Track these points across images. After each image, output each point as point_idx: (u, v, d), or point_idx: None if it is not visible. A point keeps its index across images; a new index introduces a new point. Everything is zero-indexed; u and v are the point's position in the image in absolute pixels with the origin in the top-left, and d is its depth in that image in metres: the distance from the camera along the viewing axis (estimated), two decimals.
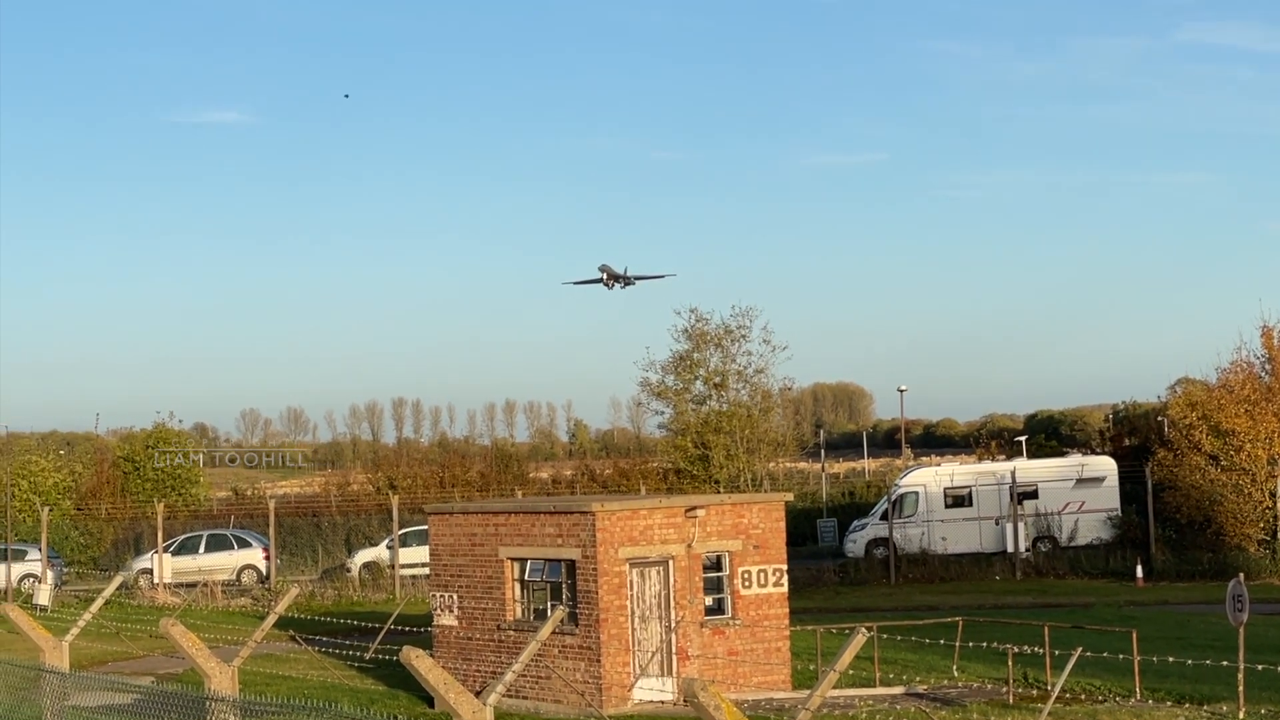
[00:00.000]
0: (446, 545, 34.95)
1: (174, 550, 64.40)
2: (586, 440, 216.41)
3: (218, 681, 14.23)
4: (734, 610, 33.57)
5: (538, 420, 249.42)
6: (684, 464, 72.42)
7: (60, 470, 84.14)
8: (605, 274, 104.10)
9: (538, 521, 33.17)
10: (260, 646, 15.05)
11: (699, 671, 32.29)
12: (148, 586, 61.25)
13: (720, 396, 72.44)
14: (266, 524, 64.62)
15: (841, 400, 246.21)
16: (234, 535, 67.26)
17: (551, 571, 32.92)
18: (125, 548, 73.51)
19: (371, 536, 69.81)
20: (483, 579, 33.91)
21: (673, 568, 32.73)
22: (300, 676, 36.51)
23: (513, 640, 32.85)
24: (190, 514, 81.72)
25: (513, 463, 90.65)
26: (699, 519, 33.12)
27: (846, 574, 61.03)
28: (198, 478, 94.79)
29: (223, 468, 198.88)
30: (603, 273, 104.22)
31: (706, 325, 72.17)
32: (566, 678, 31.87)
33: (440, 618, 34.87)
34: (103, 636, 42.75)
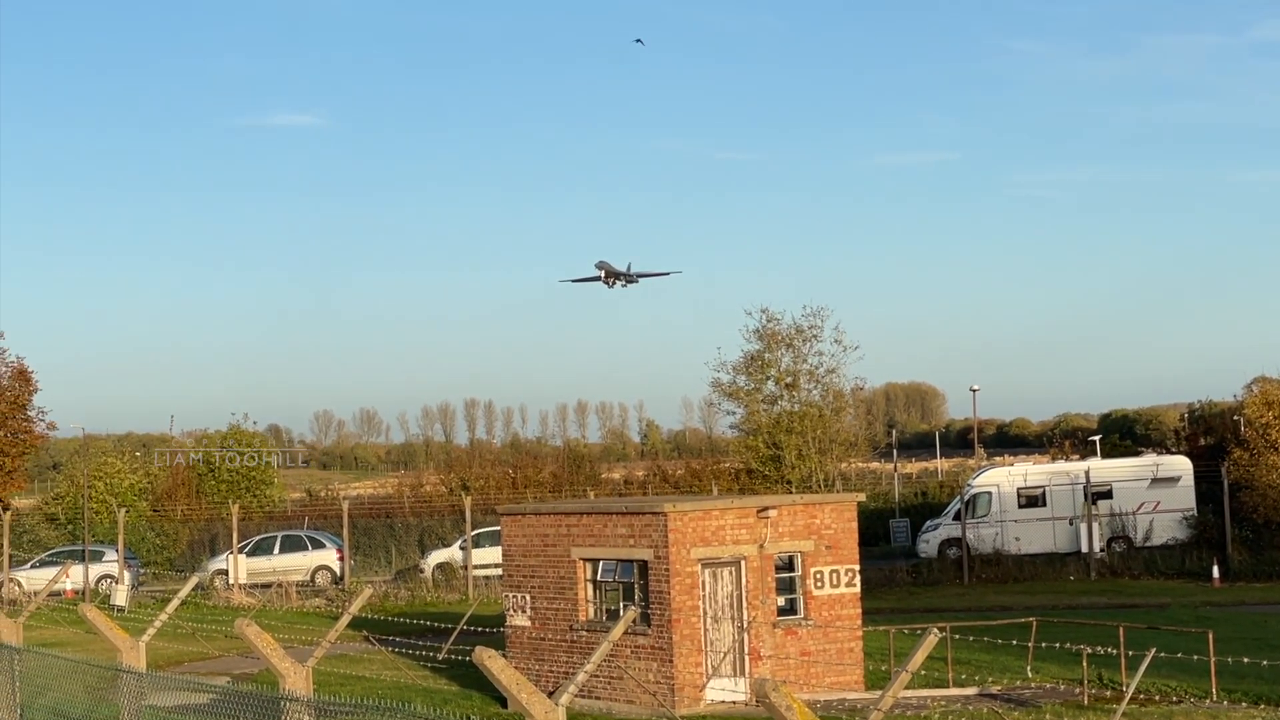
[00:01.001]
0: (519, 546, 35.01)
1: (249, 551, 64.76)
2: (658, 441, 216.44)
3: (292, 682, 14.31)
4: (806, 611, 33.51)
5: (610, 421, 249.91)
6: (756, 464, 72.28)
7: (136, 472, 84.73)
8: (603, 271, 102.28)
9: (610, 522, 33.20)
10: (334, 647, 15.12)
11: (771, 672, 32.25)
12: (223, 587, 61.59)
13: (792, 397, 72.25)
14: (340, 525, 64.88)
15: (914, 400, 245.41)
16: (308, 536, 67.56)
17: (624, 572, 32.94)
18: (201, 549, 73.99)
19: (444, 537, 70.01)
20: (555, 580, 33.97)
21: (745, 568, 32.70)
22: (374, 677, 36.65)
23: (585, 641, 32.90)
24: (265, 515, 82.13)
25: (585, 463, 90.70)
26: (771, 519, 33.08)
27: (919, 574, 60.78)
28: (272, 479, 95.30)
29: (296, 469, 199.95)
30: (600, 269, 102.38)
31: (778, 325, 71.99)
32: (639, 678, 31.88)
33: (513, 618, 34.94)
34: (179, 637, 43.04)
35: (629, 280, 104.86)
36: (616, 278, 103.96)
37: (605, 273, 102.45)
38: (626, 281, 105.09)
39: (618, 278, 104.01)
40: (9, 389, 74.88)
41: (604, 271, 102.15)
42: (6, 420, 74.20)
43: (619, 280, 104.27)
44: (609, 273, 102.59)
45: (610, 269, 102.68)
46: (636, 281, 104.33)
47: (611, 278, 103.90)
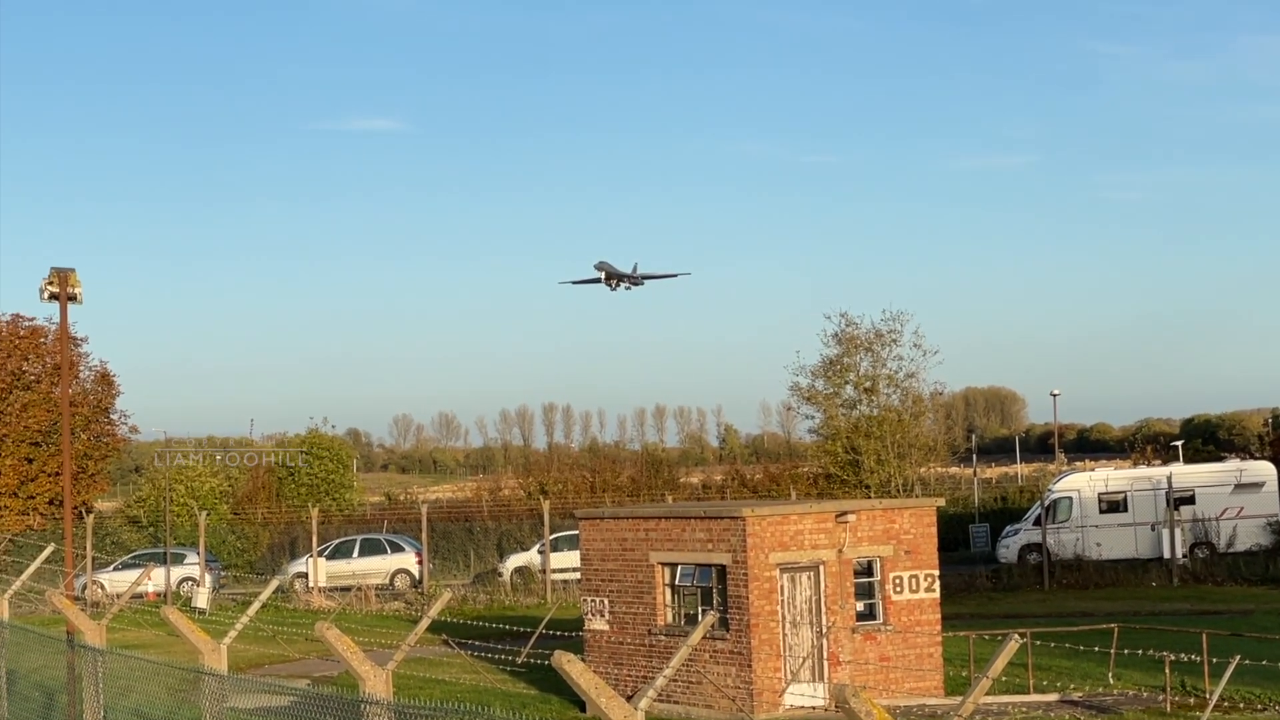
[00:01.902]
0: (597, 550, 35.02)
1: (328, 554, 65.07)
2: (736, 445, 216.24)
3: (372, 685, 14.33)
4: (886, 616, 33.38)
5: (688, 425, 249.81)
6: (834, 469, 72.07)
7: (216, 475, 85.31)
8: (604, 272, 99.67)
9: (688, 526, 33.17)
10: (414, 650, 15.16)
11: (850, 677, 32.14)
12: (303, 590, 61.88)
13: (871, 401, 71.99)
14: (419, 529, 65.08)
15: (994, 405, 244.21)
16: (387, 540, 67.80)
17: (702, 576, 32.89)
18: (280, 552, 74.39)
19: (523, 541, 70.14)
20: (633, 584, 33.96)
21: (824, 573, 32.60)
22: (453, 680, 36.73)
23: (663, 645, 32.88)
24: (344, 519, 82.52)
25: (663, 468, 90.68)
26: (850, 524, 32.97)
27: (999, 579, 60.44)
28: (351, 482, 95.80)
29: (376, 472, 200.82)
30: (600, 270, 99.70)
31: (857, 329, 71.75)
32: (718, 683, 31.83)
33: (591, 622, 34.95)
34: (259, 639, 43.27)
35: (633, 282, 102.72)
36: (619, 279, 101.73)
37: (605, 274, 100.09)
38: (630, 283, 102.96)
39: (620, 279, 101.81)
40: (92, 393, 75.50)
41: (604, 273, 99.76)
42: (89, 424, 74.82)
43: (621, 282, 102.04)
44: (609, 274, 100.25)
45: (611, 270, 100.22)
46: (641, 283, 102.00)
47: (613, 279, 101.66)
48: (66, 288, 33.86)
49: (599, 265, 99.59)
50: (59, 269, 33.84)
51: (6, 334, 74.72)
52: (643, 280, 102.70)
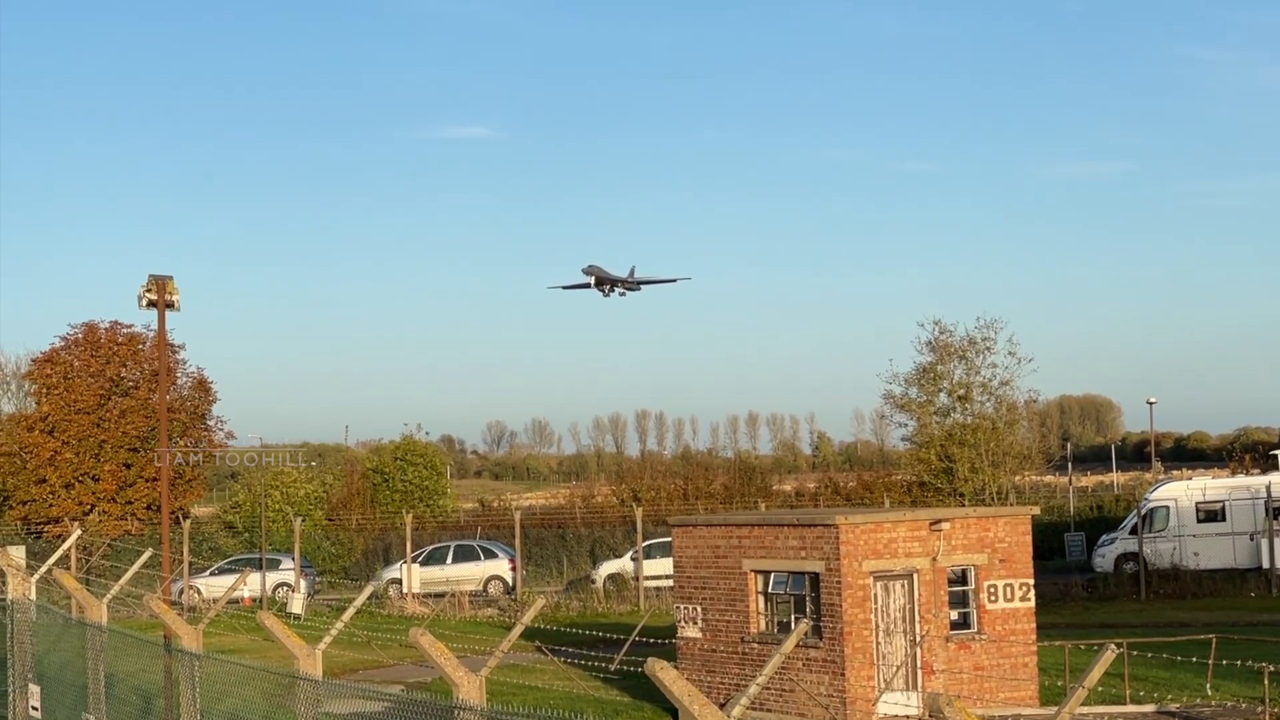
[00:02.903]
0: (690, 557, 35.00)
1: (422, 561, 65.29)
2: (829, 453, 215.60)
3: (466, 691, 14.38)
4: (980, 625, 33.19)
5: (781, 433, 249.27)
6: (928, 477, 71.77)
7: (312, 481, 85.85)
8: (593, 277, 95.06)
9: (781, 534, 33.10)
10: (507, 656, 15.20)
11: (944, 686, 31.98)
12: (397, 596, 62.15)
13: (964, 409, 71.65)
14: (512, 535, 65.24)
15: (1089, 413, 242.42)
16: (481, 546, 67.98)
17: (795, 584, 32.82)
18: (375, 558, 74.78)
19: (616, 548, 70.19)
20: (726, 591, 33.92)
21: (917, 581, 32.45)
22: (546, 687, 36.81)
23: (756, 653, 32.82)
24: (438, 525, 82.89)
25: (756, 475, 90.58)
26: (944, 532, 32.81)
27: (1095, 589, 59.96)
28: (445, 489, 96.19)
29: (469, 479, 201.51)
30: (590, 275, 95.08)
31: (950, 337, 71.44)
32: (810, 691, 31.75)
33: (684, 629, 34.93)
34: (354, 645, 43.52)
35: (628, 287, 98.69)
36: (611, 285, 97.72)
37: (595, 278, 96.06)
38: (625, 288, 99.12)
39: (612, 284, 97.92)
40: (189, 399, 76.15)
41: (594, 277, 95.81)
42: (186, 430, 75.46)
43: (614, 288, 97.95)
44: (600, 279, 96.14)
45: (602, 275, 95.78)
46: (638, 289, 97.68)
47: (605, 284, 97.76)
48: (164, 295, 34.18)
49: (588, 269, 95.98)
50: (157, 276, 34.16)
51: (105, 341, 75.49)
52: (639, 286, 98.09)
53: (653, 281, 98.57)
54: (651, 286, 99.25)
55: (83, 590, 23.14)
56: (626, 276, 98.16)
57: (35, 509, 73.91)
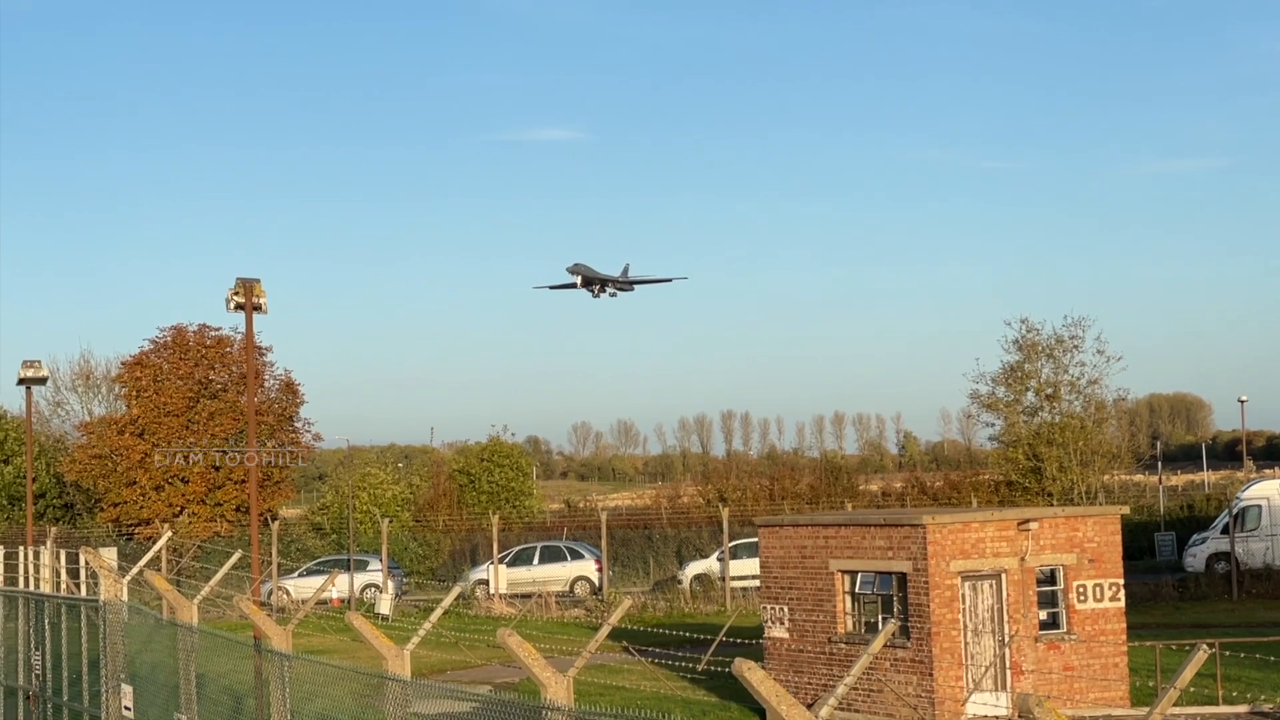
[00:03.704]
0: (777, 558, 34.93)
1: (509, 562, 65.45)
2: (916, 452, 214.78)
3: (553, 691, 14.39)
4: (1069, 625, 32.97)
5: (867, 432, 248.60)
6: (1016, 476, 71.37)
7: (399, 483, 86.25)
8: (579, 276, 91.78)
9: (868, 534, 32.98)
10: (594, 657, 15.21)
11: (1034, 687, 31.78)
12: (484, 597, 62.32)
13: (1052, 408, 71.22)
14: (599, 536, 65.32)
15: (1179, 411, 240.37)
16: (567, 547, 68.07)
17: (882, 584, 32.69)
18: (462, 559, 75.05)
19: (702, 549, 70.14)
20: (813, 591, 33.83)
21: (1005, 581, 32.26)
22: (633, 687, 36.83)
23: (844, 653, 32.71)
24: (524, 526, 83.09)
25: (842, 475, 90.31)
26: (1032, 532, 32.60)
27: (1186, 589, 59.45)
28: (531, 490, 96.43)
29: (555, 480, 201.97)
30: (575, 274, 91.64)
31: (1038, 336, 71.02)
32: (898, 691, 31.62)
33: (771, 630, 34.87)
34: (441, 645, 43.70)
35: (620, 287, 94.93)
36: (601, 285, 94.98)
37: (582, 278, 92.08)
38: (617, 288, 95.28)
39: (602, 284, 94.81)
40: (276, 401, 76.65)
41: (580, 276, 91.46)
42: (274, 432, 75.95)
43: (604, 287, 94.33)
44: (587, 278, 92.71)
45: (590, 274, 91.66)
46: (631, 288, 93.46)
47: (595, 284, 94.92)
48: (251, 297, 34.37)
49: (574, 268, 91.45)
50: (244, 279, 34.37)
51: (194, 344, 76.11)
52: (632, 286, 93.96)
53: (646, 281, 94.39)
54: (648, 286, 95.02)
55: (174, 591, 23.32)
56: (619, 275, 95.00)
57: (126, 511, 74.62)
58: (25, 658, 27.64)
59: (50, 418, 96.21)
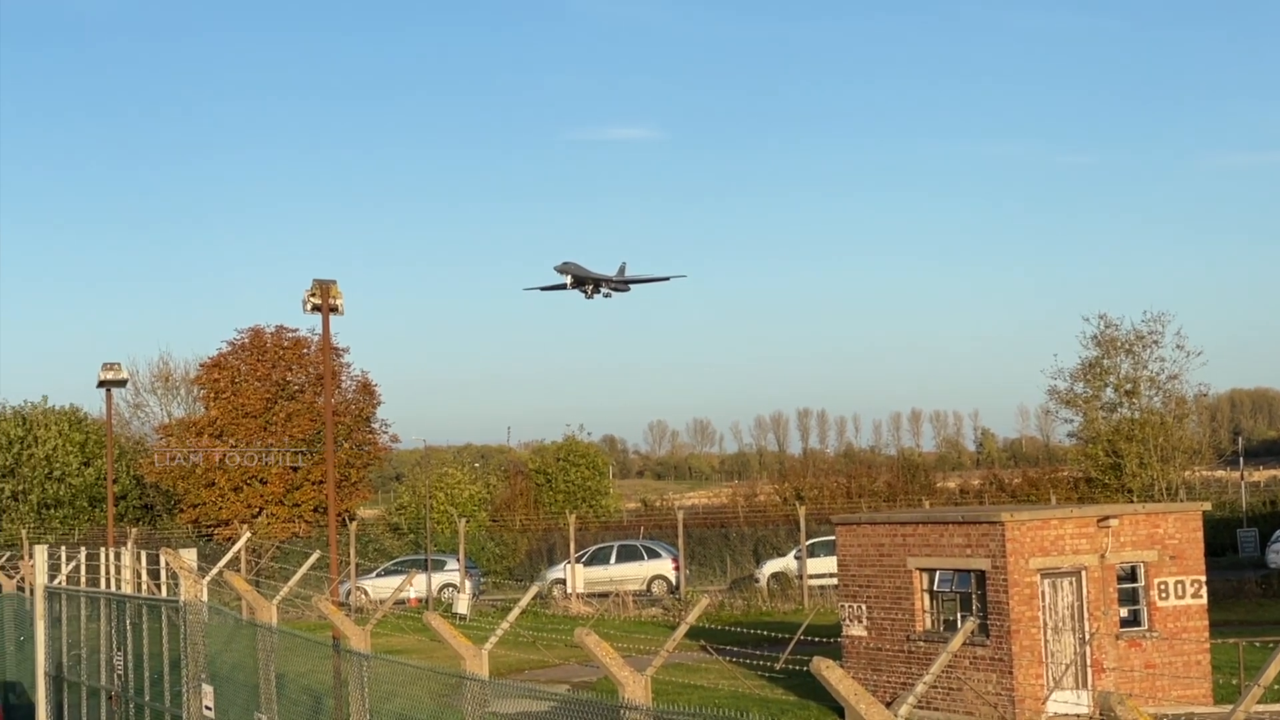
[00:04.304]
0: (854, 556, 34.81)
1: (586, 561, 65.50)
2: (994, 449, 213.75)
3: (631, 690, 14.36)
4: (1150, 622, 32.70)
5: (944, 429, 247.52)
6: (1095, 473, 70.91)
7: (475, 483, 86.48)
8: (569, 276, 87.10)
9: (946, 532, 32.81)
10: (672, 656, 15.18)
11: (1115, 685, 31.54)
12: (561, 596, 62.40)
13: (1132, 404, 70.71)
14: (675, 535, 65.28)
15: (1260, 406, 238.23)
16: (644, 546, 68.07)
17: (961, 582, 32.52)
18: (539, 558, 75.17)
19: (779, 547, 70.04)
20: (891, 589, 33.69)
21: (1085, 578, 32.03)
22: (711, 686, 36.77)
23: (923, 651, 32.57)
24: (601, 525, 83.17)
25: (919, 472, 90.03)
26: (1112, 529, 32.36)
27: (1269, 586, 58.90)
28: (607, 489, 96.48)
29: (631, 479, 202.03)
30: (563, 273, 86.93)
31: (1116, 331, 70.53)
32: (978, 689, 31.45)
33: (849, 628, 34.75)
34: (519, 645, 43.76)
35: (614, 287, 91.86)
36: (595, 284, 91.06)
37: (573, 278, 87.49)
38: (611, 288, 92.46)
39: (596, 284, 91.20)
40: (354, 402, 77.01)
41: (569, 276, 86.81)
42: (351, 433, 76.29)
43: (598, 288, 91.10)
44: (578, 278, 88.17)
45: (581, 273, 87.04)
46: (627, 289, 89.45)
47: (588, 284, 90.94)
48: (328, 299, 34.48)
49: (563, 267, 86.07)
50: (321, 280, 34.47)
51: (271, 345, 76.56)
52: (628, 286, 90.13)
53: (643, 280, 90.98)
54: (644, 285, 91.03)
55: (253, 592, 23.42)
56: (614, 275, 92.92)
57: (205, 512, 75.12)
58: (108, 658, 27.83)
59: (130, 420, 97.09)
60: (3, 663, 36.91)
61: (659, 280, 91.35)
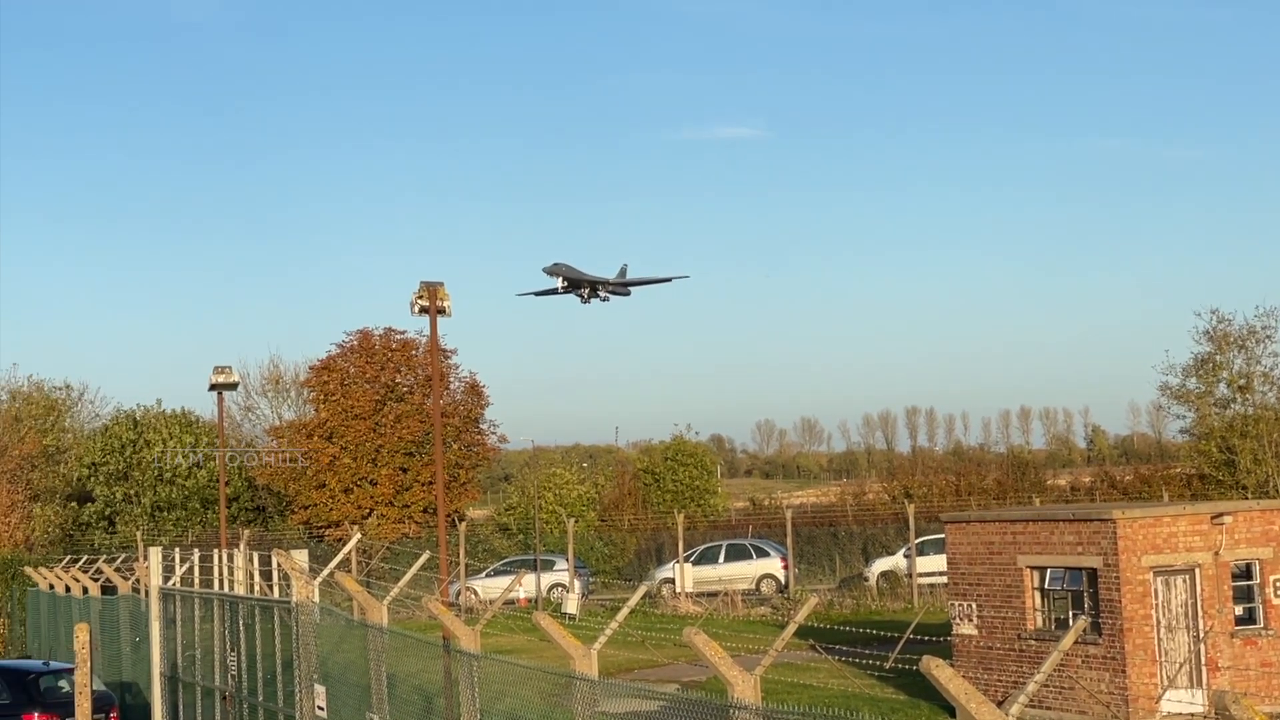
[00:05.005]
0: (964, 554, 34.62)
1: (694, 560, 65.48)
2: (1105, 446, 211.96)
3: (741, 690, 14.34)
4: (1266, 620, 32.32)
5: (1054, 426, 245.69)
6: (1208, 470, 70.16)
7: (584, 483, 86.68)
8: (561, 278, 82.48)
9: (1056, 529, 32.57)
10: (781, 655, 15.15)
11: (1230, 683, 31.20)
12: (670, 596, 62.43)
13: (1245, 399, 69.92)
14: (784, 533, 65.16)
15: None
16: (753, 545, 67.96)
17: (1072, 580, 32.27)
18: (647, 558, 75.21)
19: (888, 545, 69.75)
20: (1001, 588, 33.48)
21: (1199, 576, 31.70)
22: (820, 685, 36.67)
23: (1034, 650, 32.34)
24: (709, 524, 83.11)
25: (1029, 470, 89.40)
26: (1226, 526, 32.01)
27: None
28: (715, 488, 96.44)
29: (739, 478, 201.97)
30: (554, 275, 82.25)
31: (1229, 326, 69.75)
32: (1090, 688, 31.20)
33: (959, 627, 34.56)
34: (628, 645, 43.81)
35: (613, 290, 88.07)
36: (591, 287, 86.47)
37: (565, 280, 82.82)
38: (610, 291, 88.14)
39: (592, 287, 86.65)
40: (462, 403, 77.36)
41: (561, 278, 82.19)
42: (460, 434, 76.65)
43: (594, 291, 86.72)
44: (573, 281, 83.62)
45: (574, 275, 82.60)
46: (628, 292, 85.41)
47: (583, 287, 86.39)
48: (436, 301, 34.67)
49: (553, 269, 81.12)
50: (428, 283, 34.67)
51: (380, 348, 77.05)
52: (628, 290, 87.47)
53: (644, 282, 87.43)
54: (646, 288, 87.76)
55: (363, 592, 23.57)
56: (613, 277, 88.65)
57: (316, 513, 75.71)
58: (221, 658, 28.11)
59: (241, 422, 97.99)
60: (119, 663, 37.39)
61: (661, 282, 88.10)
